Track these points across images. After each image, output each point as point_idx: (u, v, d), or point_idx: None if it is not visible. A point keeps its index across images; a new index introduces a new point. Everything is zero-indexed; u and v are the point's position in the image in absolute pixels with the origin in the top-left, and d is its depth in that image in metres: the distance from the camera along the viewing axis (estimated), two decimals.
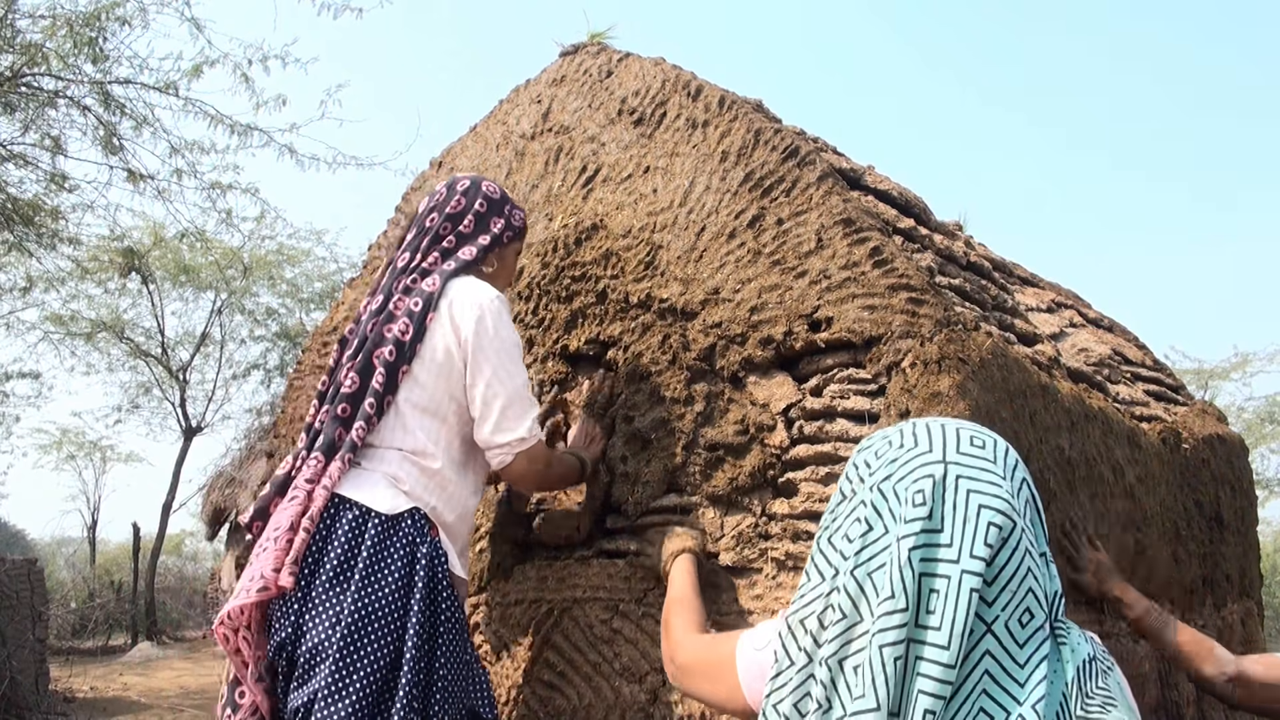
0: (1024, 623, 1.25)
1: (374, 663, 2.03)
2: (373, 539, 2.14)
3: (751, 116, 2.57)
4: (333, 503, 2.20)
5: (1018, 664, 1.23)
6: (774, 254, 2.40)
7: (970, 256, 2.91)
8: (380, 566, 2.11)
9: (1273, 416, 19.26)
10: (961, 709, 1.21)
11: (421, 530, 2.19)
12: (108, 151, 8.82)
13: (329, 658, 2.02)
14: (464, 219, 2.49)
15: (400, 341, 2.29)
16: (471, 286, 2.35)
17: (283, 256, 18.82)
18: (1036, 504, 1.37)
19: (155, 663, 14.49)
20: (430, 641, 2.11)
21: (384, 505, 2.18)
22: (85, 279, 15.60)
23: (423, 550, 2.15)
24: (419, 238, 2.48)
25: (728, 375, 2.43)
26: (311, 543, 2.15)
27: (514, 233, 2.58)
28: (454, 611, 2.19)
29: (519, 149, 3.32)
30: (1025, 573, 1.26)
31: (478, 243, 2.48)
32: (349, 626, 2.03)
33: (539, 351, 2.95)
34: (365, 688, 2.01)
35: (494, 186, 2.57)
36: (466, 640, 2.24)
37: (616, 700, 2.42)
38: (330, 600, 2.08)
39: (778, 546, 2.22)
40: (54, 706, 9.27)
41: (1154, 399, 3.38)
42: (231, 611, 2.12)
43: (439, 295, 2.33)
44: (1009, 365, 2.24)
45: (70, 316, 17.88)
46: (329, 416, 2.30)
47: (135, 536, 19.51)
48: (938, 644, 1.21)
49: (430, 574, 2.15)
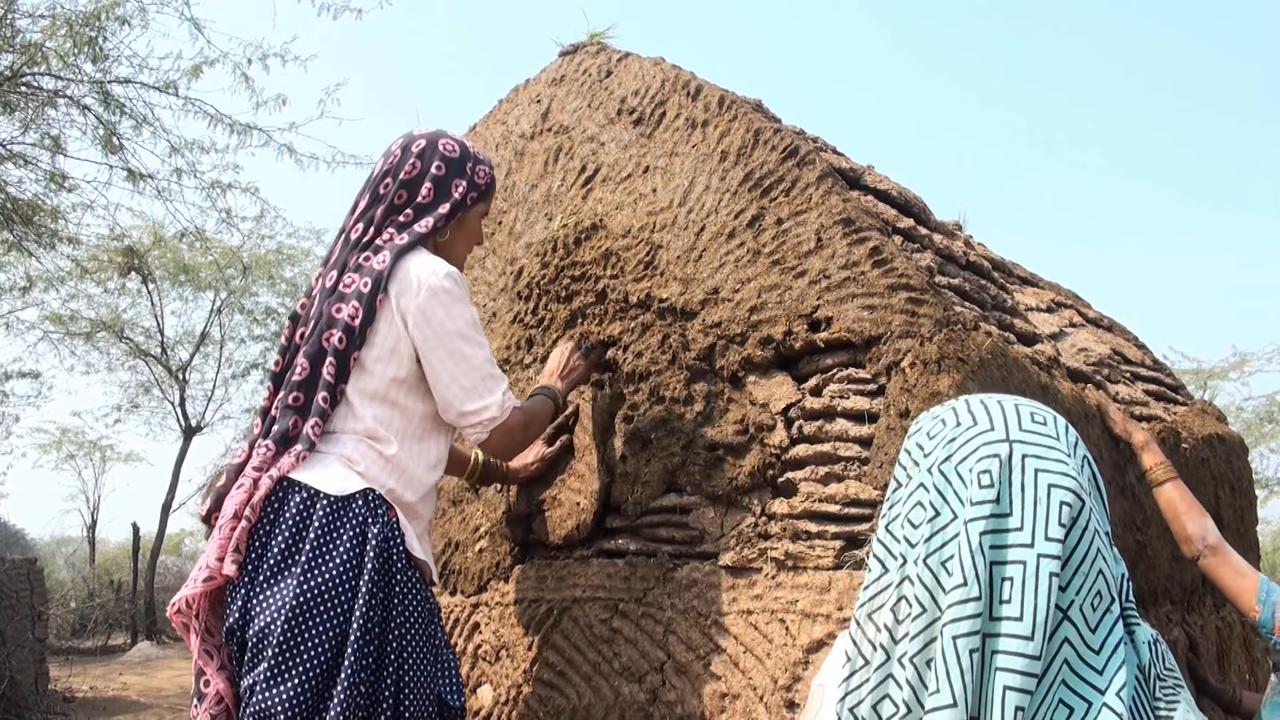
0: (1095, 606, 1.19)
1: (318, 646, 2.01)
2: (321, 520, 2.10)
3: (751, 116, 2.57)
4: (281, 486, 2.16)
5: (1093, 650, 1.18)
6: (773, 254, 2.40)
7: (970, 256, 2.91)
8: (328, 548, 2.08)
9: (1271, 416, 19.26)
10: (1043, 701, 1.15)
11: (374, 511, 2.14)
12: (107, 151, 8.82)
13: (273, 642, 2.00)
14: (421, 185, 2.37)
15: (350, 327, 2.22)
16: (419, 266, 2.25)
17: (282, 256, 18.83)
18: (1098, 482, 1.31)
19: (155, 662, 14.49)
20: (381, 624, 2.08)
21: (333, 486, 2.14)
22: (85, 279, 15.59)
23: (374, 531, 2.11)
24: (372, 207, 2.36)
25: (727, 375, 2.43)
26: (260, 527, 2.14)
27: (477, 193, 2.44)
28: (413, 594, 2.15)
29: (518, 149, 3.32)
30: (1095, 554, 1.20)
31: (436, 213, 2.36)
32: (293, 609, 2.01)
33: (539, 351, 2.95)
34: (308, 671, 1.99)
35: (452, 143, 2.42)
36: (432, 624, 2.22)
37: (616, 700, 2.42)
38: (276, 584, 2.06)
39: (777, 546, 2.22)
40: (53, 706, 9.27)
41: (1154, 399, 3.38)
42: (180, 604, 2.14)
43: (388, 276, 2.24)
44: (1009, 365, 2.24)
45: (70, 316, 17.88)
46: (281, 405, 2.26)
47: (135, 536, 19.52)
48: (1019, 634, 1.15)
49: (383, 555, 2.10)
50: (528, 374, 2.96)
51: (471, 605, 2.91)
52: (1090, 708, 1.16)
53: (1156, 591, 2.84)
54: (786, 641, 2.14)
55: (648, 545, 2.49)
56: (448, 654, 2.26)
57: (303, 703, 1.98)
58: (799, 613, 2.14)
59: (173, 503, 19.32)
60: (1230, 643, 3.37)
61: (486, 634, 2.82)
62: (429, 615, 2.21)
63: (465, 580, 2.95)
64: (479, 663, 2.82)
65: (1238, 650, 3.45)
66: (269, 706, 1.98)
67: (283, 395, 2.26)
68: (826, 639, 2.07)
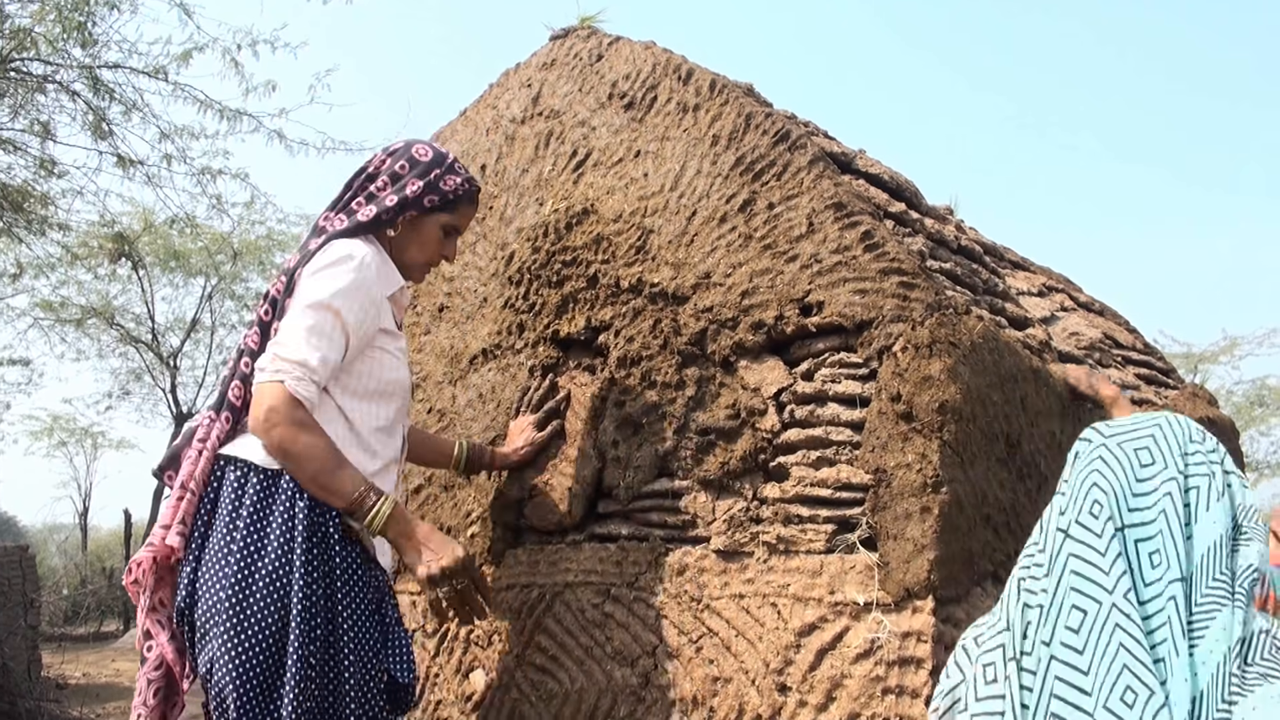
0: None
1: (262, 623, 2.01)
2: (253, 495, 2.10)
3: (742, 100, 2.57)
4: (220, 460, 2.17)
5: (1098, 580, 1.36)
6: (765, 238, 2.40)
7: (961, 240, 2.91)
8: (262, 524, 2.08)
9: (1262, 400, 19.35)
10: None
11: (301, 486, 2.12)
12: (97, 137, 8.78)
13: (219, 621, 2.01)
14: (378, 178, 2.37)
15: (274, 299, 2.24)
16: (338, 243, 2.25)
17: (272, 242, 18.79)
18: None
19: None
20: (328, 599, 2.07)
21: (262, 459, 2.13)
22: (75, 265, 15.54)
23: (300, 505, 2.09)
24: (339, 196, 2.39)
25: (719, 359, 2.43)
26: (204, 502, 2.15)
27: (439, 199, 2.37)
28: (354, 570, 2.14)
29: (509, 133, 3.31)
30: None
31: (383, 203, 2.33)
32: (234, 588, 2.02)
33: (530, 336, 2.94)
34: (256, 648, 2.00)
35: (427, 150, 2.40)
36: (378, 601, 2.20)
37: (609, 684, 2.43)
38: (218, 562, 2.07)
39: (769, 530, 2.23)
40: (46, 693, 9.26)
41: (1145, 382, 3.39)
42: (131, 565, 2.17)
43: (315, 251, 2.24)
44: (1000, 349, 2.24)
45: (60, 303, 17.85)
46: (229, 370, 2.28)
47: (127, 523, 19.53)
48: None
49: (315, 529, 2.09)
50: (518, 359, 2.96)
51: None
52: (1100, 608, 1.32)
53: None
54: (778, 625, 2.14)
55: (639, 530, 2.49)
56: (398, 631, 2.24)
57: (254, 679, 2.00)
58: (790, 596, 2.14)
59: (164, 490, 19.29)
60: None
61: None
62: (374, 592, 2.19)
63: None
64: (471, 647, 2.82)
65: None
66: (223, 685, 2.00)
67: (235, 362, 2.29)
68: (818, 622, 2.08)
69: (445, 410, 3.19)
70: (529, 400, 2.84)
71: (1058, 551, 1.44)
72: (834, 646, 2.05)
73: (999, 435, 2.20)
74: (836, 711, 2.00)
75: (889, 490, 2.04)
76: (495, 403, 3.00)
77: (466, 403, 3.11)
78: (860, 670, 1.99)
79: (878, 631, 1.99)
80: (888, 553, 2.01)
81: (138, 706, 2.21)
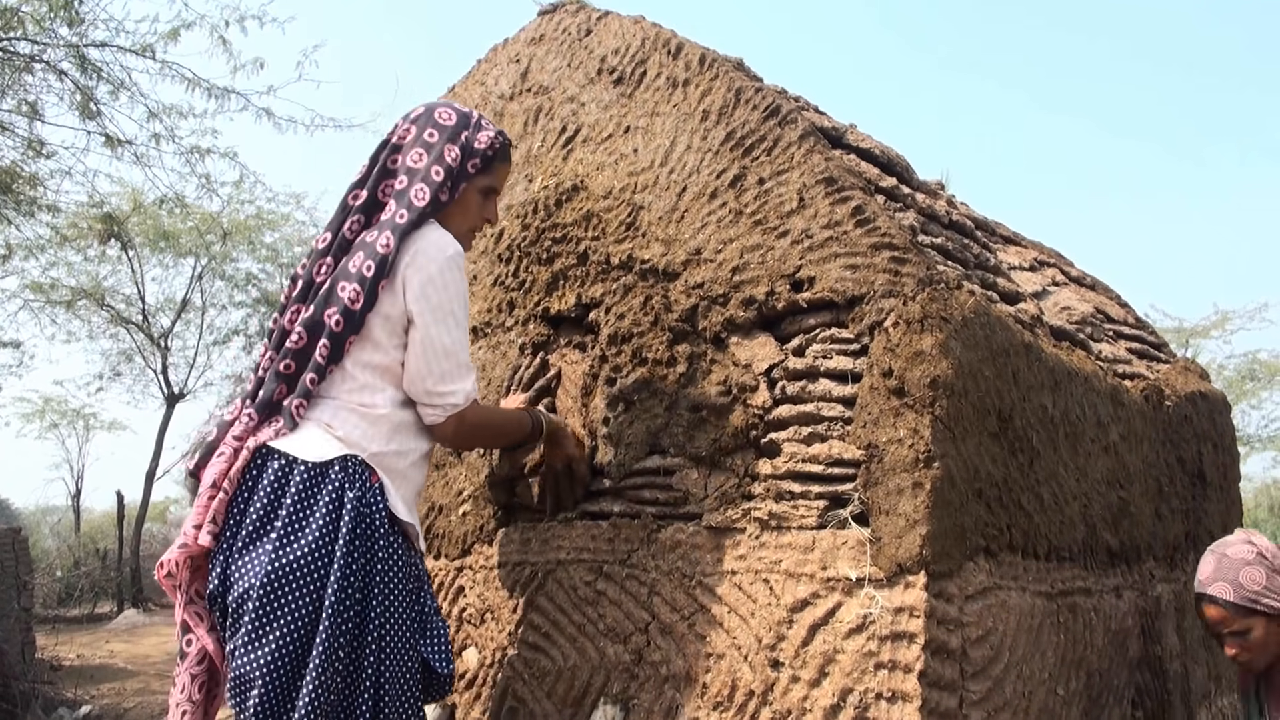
0: None
1: (294, 612, 2.01)
2: (298, 488, 2.09)
3: (732, 75, 2.55)
4: (260, 454, 2.16)
5: None
6: (756, 214, 2.39)
7: (952, 215, 2.90)
8: (303, 516, 2.08)
9: (1253, 373, 19.39)
10: None
11: (353, 476, 2.12)
12: (85, 116, 8.72)
13: (251, 607, 2.01)
14: (410, 150, 2.32)
15: (349, 311, 2.17)
16: (427, 241, 2.22)
17: (262, 221, 18.72)
18: None
19: (141, 629, 14.51)
20: (364, 590, 2.07)
21: (310, 453, 2.13)
22: (65, 246, 15.48)
23: (350, 495, 2.09)
24: (369, 174, 2.33)
25: (710, 336, 2.42)
26: (238, 496, 2.13)
27: (479, 162, 2.35)
28: (396, 559, 2.14)
29: (497, 109, 3.29)
30: None
31: (430, 179, 2.28)
32: (269, 575, 2.01)
33: (520, 314, 2.93)
34: (286, 635, 1.99)
35: (449, 111, 2.35)
36: (419, 590, 2.22)
37: (601, 660, 2.43)
38: (252, 551, 2.06)
39: (761, 506, 2.22)
40: (40, 675, 9.27)
41: (1136, 356, 3.39)
42: (168, 566, 2.15)
43: (394, 258, 2.19)
44: (992, 324, 2.24)
45: (50, 284, 17.77)
46: (273, 371, 2.24)
47: (119, 504, 19.50)
48: None
49: (362, 521, 2.09)
50: (509, 336, 2.95)
51: (456, 569, 2.91)
52: None
53: (1140, 548, 2.85)
54: (770, 601, 2.14)
55: (631, 507, 2.49)
56: (437, 621, 2.26)
57: (280, 666, 1.99)
58: (783, 572, 2.14)
59: (157, 470, 19.28)
60: None
61: (471, 597, 2.82)
62: (414, 580, 2.20)
63: (449, 544, 2.95)
64: (464, 626, 2.82)
65: None
66: (248, 670, 1.99)
67: (276, 360, 2.24)
68: (810, 598, 2.08)
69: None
70: (520, 379, 2.83)
71: None
72: (826, 622, 2.05)
73: (991, 410, 2.19)
74: (829, 686, 2.00)
75: (881, 466, 2.04)
76: (486, 381, 2.99)
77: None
78: (853, 645, 1.99)
79: (870, 607, 1.99)
80: (880, 528, 2.01)
81: (182, 703, 2.19)
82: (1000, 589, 2.17)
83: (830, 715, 1.99)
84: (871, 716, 1.94)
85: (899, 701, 1.91)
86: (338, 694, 2.03)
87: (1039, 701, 2.23)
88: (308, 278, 2.28)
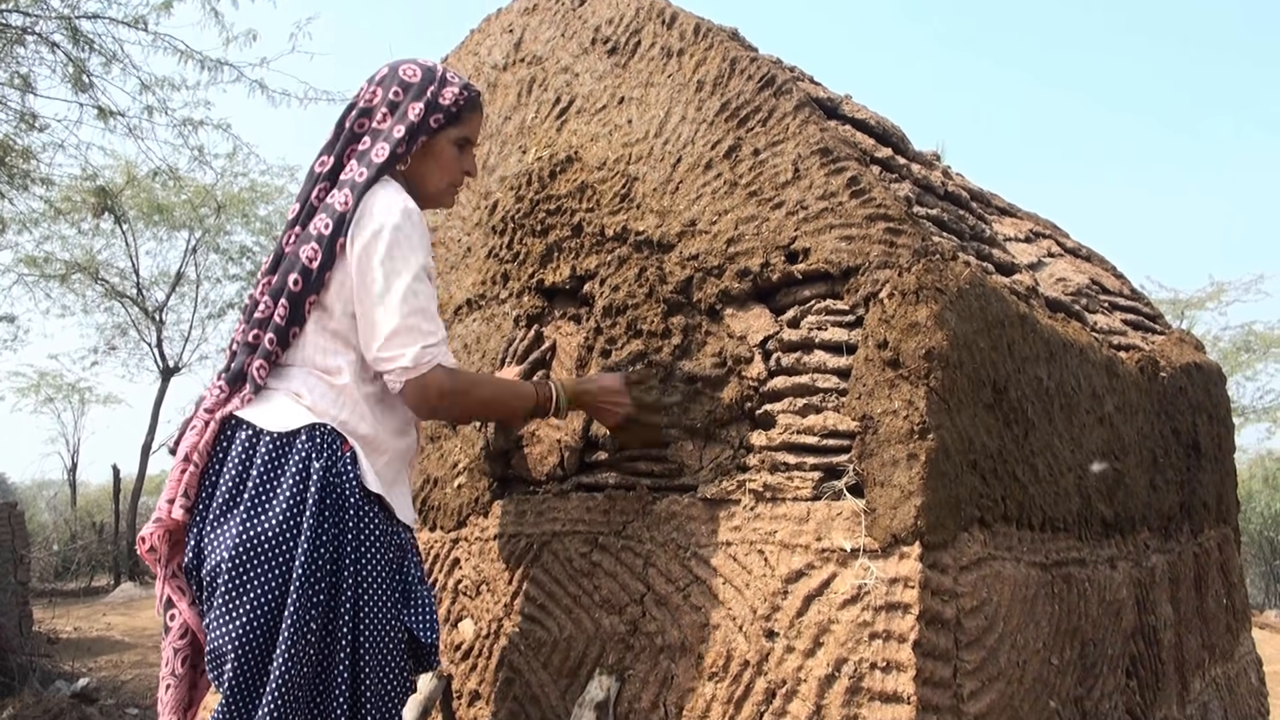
0: None
1: (263, 586, 2.00)
2: (264, 459, 2.08)
3: (727, 45, 2.53)
4: (230, 425, 2.15)
5: None
6: (750, 185, 2.38)
7: (948, 186, 2.89)
8: (270, 488, 2.06)
9: (1248, 345, 19.43)
10: None
11: (320, 446, 2.09)
12: (77, 89, 8.69)
13: (222, 581, 2.01)
14: (377, 112, 2.29)
15: (308, 270, 2.15)
16: (378, 202, 2.17)
17: (256, 194, 18.69)
18: None
19: (138, 602, 14.56)
20: (334, 561, 2.06)
21: (276, 424, 2.11)
22: (58, 220, 15.45)
23: (316, 466, 2.07)
24: (336, 139, 2.30)
25: (705, 308, 2.42)
26: (210, 469, 2.13)
27: (443, 115, 2.30)
28: (371, 529, 2.13)
29: (491, 80, 3.27)
30: None
31: (391, 136, 2.25)
32: (236, 550, 2.00)
33: (514, 286, 2.92)
34: (256, 609, 1.99)
35: (414, 68, 2.31)
36: (402, 560, 2.21)
37: (597, 631, 2.43)
38: (223, 524, 2.06)
39: (755, 478, 2.22)
40: (38, 648, 9.31)
41: (1132, 328, 3.39)
42: (143, 536, 2.16)
43: (351, 216, 2.16)
44: (987, 295, 2.23)
45: (44, 258, 17.75)
46: (241, 342, 2.22)
47: (115, 478, 19.53)
48: None
49: (331, 492, 2.07)
50: (503, 309, 2.94)
51: (451, 541, 2.91)
52: None
53: (1134, 519, 2.86)
54: (765, 572, 2.14)
55: (626, 479, 2.49)
56: (422, 590, 2.25)
57: (251, 640, 1.99)
58: (777, 544, 2.15)
59: (153, 444, 19.32)
60: (1208, 568, 3.41)
61: (466, 569, 2.82)
62: (395, 550, 2.19)
63: (444, 516, 2.95)
64: (459, 597, 2.83)
65: (1215, 575, 3.49)
66: (220, 645, 2.00)
67: (244, 331, 2.23)
68: (805, 569, 2.08)
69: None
70: (514, 351, 2.83)
71: None
72: (821, 593, 2.05)
73: (986, 381, 2.19)
74: (823, 656, 2.01)
75: (875, 437, 2.04)
76: (480, 353, 2.99)
77: (452, 353, 3.10)
78: (847, 616, 2.00)
79: (865, 577, 1.99)
80: (875, 499, 2.01)
81: (166, 677, 2.21)
82: (995, 560, 2.17)
83: (825, 685, 2.00)
84: (866, 686, 1.94)
85: (893, 671, 1.91)
86: (311, 665, 2.03)
87: (1033, 671, 2.24)
88: (278, 249, 2.27)
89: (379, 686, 2.10)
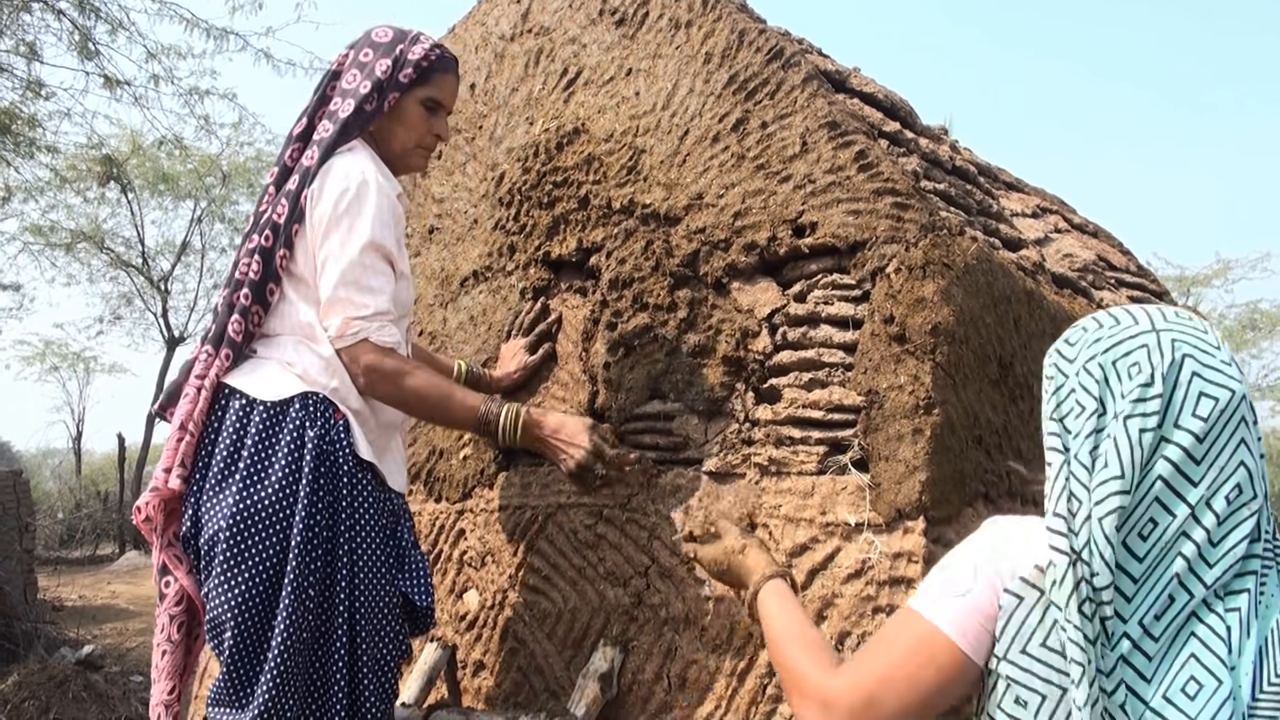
0: (1231, 500, 1.21)
1: (262, 554, 2.02)
2: (258, 429, 2.09)
3: (735, 17, 2.52)
4: (223, 394, 2.16)
5: (1211, 543, 1.20)
6: (758, 158, 2.37)
7: (955, 161, 2.88)
8: (266, 457, 2.07)
9: (1254, 323, 19.41)
10: (1155, 589, 1.19)
11: (313, 415, 2.11)
12: (84, 57, 8.68)
13: (219, 550, 2.03)
14: (349, 73, 2.31)
15: (276, 225, 2.17)
16: (338, 167, 2.19)
17: (261, 163, 18.65)
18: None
19: (142, 571, 14.64)
20: (330, 528, 2.08)
21: (268, 392, 2.12)
22: (64, 188, 15.44)
23: (311, 434, 2.09)
24: (309, 103, 2.33)
25: (711, 281, 2.41)
26: (205, 438, 2.14)
27: (412, 71, 2.31)
28: (364, 496, 2.14)
29: (498, 50, 3.26)
30: (1239, 445, 1.22)
31: (358, 93, 2.26)
32: (234, 519, 2.02)
33: (520, 258, 2.92)
34: (254, 577, 2.01)
35: (387, 30, 2.34)
36: (395, 525, 2.23)
37: (601, 603, 2.44)
38: (221, 494, 2.07)
39: (761, 452, 2.23)
40: (43, 615, 9.37)
41: (1138, 305, 3.38)
42: (139, 506, 2.18)
43: (315, 171, 2.18)
44: (994, 270, 2.23)
45: (50, 227, 17.76)
46: (224, 304, 2.22)
47: (120, 447, 19.61)
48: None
49: (325, 460, 2.09)
50: (509, 281, 2.94)
51: (457, 512, 2.92)
52: (1191, 600, 1.19)
53: None
54: (770, 545, 2.15)
55: (632, 452, 2.49)
56: (415, 555, 2.27)
57: (250, 607, 2.01)
58: (782, 517, 2.15)
59: (159, 420, 19.35)
60: None
61: (472, 540, 2.83)
62: (388, 516, 2.20)
63: (450, 487, 2.96)
64: (465, 568, 2.84)
65: None
66: (221, 612, 2.02)
67: (226, 295, 2.24)
68: (809, 543, 2.09)
69: (436, 333, 3.18)
70: (520, 323, 2.83)
71: None
72: (825, 567, 2.06)
73: (991, 357, 2.19)
74: (827, 630, 2.02)
75: (881, 412, 2.04)
76: (486, 325, 2.99)
77: (457, 325, 3.10)
78: (851, 590, 2.01)
79: (869, 552, 2.00)
80: (879, 474, 2.02)
81: (162, 643, 2.23)
82: None
83: None
84: None
85: None
86: (310, 631, 2.05)
87: None
88: (256, 212, 2.29)
89: (376, 650, 2.12)
